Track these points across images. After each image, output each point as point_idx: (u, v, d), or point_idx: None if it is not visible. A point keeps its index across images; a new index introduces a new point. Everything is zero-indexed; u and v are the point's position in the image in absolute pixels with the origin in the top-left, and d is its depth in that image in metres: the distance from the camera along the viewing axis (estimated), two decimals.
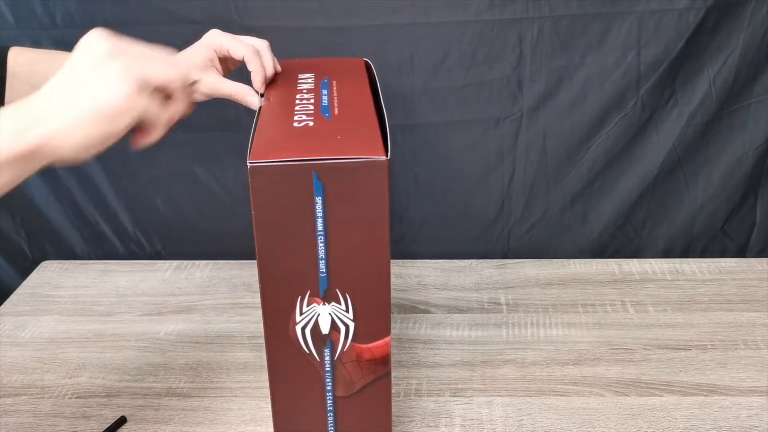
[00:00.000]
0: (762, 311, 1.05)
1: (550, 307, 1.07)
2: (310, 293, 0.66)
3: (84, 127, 0.54)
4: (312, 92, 0.77)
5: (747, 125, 1.16)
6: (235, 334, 1.03)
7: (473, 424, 0.85)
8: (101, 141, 0.55)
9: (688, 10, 1.08)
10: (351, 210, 0.63)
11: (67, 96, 0.54)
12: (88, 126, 0.54)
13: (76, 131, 0.54)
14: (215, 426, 0.86)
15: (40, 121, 0.54)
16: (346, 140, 0.65)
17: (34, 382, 0.94)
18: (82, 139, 0.55)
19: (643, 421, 0.85)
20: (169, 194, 1.24)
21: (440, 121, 1.16)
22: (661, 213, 1.22)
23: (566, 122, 1.16)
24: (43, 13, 1.11)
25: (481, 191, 1.21)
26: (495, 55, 1.12)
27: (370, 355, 0.69)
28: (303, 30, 1.10)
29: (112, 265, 1.21)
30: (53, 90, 0.55)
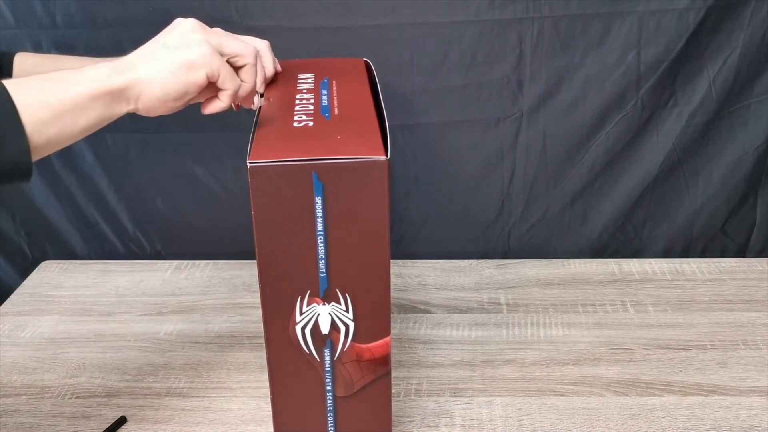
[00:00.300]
0: (762, 311, 1.05)
1: (550, 307, 1.07)
2: (310, 293, 0.66)
3: (166, 76, 0.62)
4: (312, 92, 0.77)
5: (747, 125, 1.16)
6: (235, 334, 1.03)
7: (473, 424, 0.85)
8: (179, 92, 0.63)
9: (688, 10, 1.08)
10: (351, 210, 0.63)
11: (156, 52, 0.63)
12: (170, 75, 0.62)
13: (160, 78, 0.62)
14: (215, 426, 0.86)
15: (130, 67, 0.62)
16: (346, 140, 0.65)
17: (34, 382, 0.94)
18: (164, 86, 0.62)
19: (643, 421, 0.85)
20: (169, 194, 1.24)
21: (440, 121, 1.16)
22: (661, 213, 1.22)
23: (566, 122, 1.16)
24: (43, 13, 1.11)
25: (481, 191, 1.21)
26: (495, 55, 1.12)
27: (370, 355, 0.69)
28: (303, 30, 1.10)
29: (112, 265, 1.21)
30: (145, 48, 0.64)
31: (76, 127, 0.59)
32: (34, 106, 0.56)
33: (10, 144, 0.55)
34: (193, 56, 0.63)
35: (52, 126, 0.57)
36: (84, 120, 0.60)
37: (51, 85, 0.59)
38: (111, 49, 1.13)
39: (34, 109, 0.56)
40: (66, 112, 0.58)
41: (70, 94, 0.58)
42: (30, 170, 0.57)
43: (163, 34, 0.66)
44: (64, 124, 0.58)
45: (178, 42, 0.64)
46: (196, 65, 0.63)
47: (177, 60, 0.63)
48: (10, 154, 0.55)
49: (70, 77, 0.60)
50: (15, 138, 0.55)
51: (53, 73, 0.60)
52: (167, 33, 0.66)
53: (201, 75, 0.64)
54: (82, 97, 0.59)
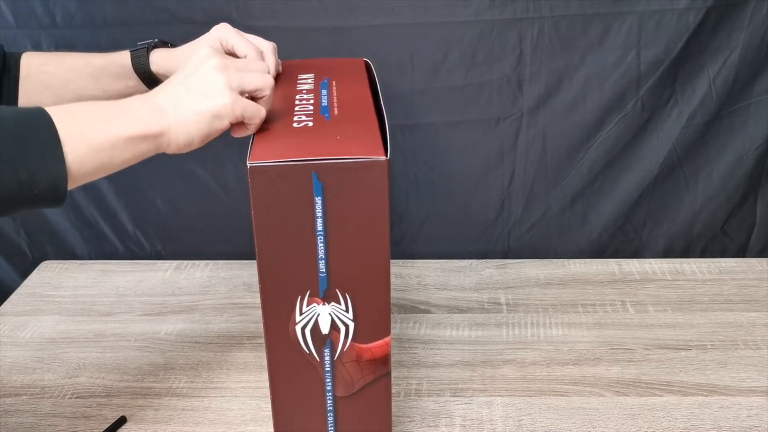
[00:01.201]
0: (762, 311, 1.05)
1: (550, 307, 1.07)
2: (310, 293, 0.66)
3: (192, 126, 0.66)
4: (312, 92, 0.77)
5: (747, 125, 1.16)
6: (235, 334, 1.03)
7: (473, 424, 0.85)
8: (204, 138, 0.67)
9: (688, 10, 1.08)
10: (351, 210, 0.63)
11: (181, 97, 0.66)
12: (195, 125, 0.66)
13: (186, 128, 0.65)
14: (215, 426, 0.86)
15: (161, 113, 0.65)
16: (345, 140, 0.65)
17: (34, 382, 0.94)
18: (190, 135, 0.66)
19: (643, 421, 0.85)
20: (169, 194, 1.24)
21: (440, 121, 1.16)
22: (661, 213, 1.22)
23: (566, 122, 1.16)
24: (43, 13, 1.11)
25: (481, 191, 1.21)
26: (495, 55, 1.12)
27: (370, 355, 0.69)
28: (303, 30, 1.10)
29: (112, 265, 1.21)
30: (171, 89, 0.67)
31: (111, 164, 0.63)
32: (75, 140, 0.60)
33: (51, 170, 0.59)
34: (217, 107, 0.66)
35: (89, 161, 0.61)
36: (119, 158, 0.63)
37: (91, 122, 0.62)
38: (111, 49, 1.13)
39: (76, 144, 0.60)
40: (103, 150, 0.62)
41: (108, 134, 0.62)
42: (64, 197, 0.60)
43: (190, 69, 0.68)
44: (102, 160, 0.62)
45: (201, 87, 0.66)
46: (220, 115, 0.66)
47: (201, 110, 0.66)
48: (50, 179, 0.59)
49: (109, 116, 0.64)
50: (56, 165, 0.59)
51: (92, 106, 0.64)
52: (191, 71, 0.68)
53: (225, 123, 0.67)
54: (119, 138, 0.63)
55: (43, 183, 0.59)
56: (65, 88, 0.88)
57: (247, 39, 0.82)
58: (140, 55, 0.86)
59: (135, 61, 0.86)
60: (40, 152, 0.58)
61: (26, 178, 0.58)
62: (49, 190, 0.59)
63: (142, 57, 0.86)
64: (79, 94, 0.88)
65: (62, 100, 0.88)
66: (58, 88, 0.88)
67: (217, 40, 0.83)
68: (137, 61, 0.86)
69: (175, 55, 0.86)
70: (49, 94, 0.88)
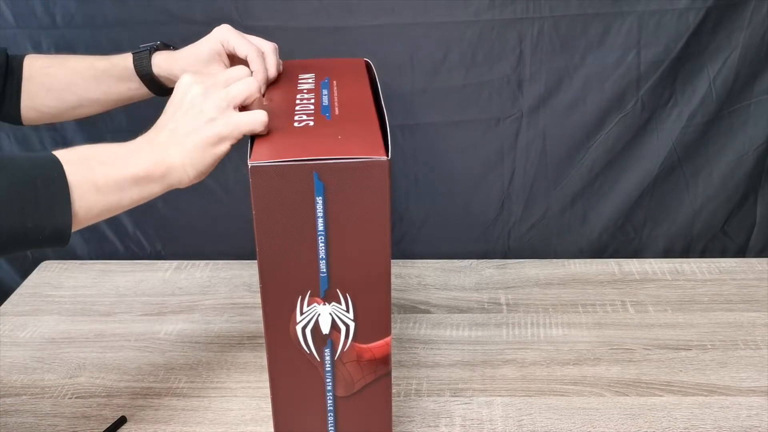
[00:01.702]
0: (762, 311, 1.05)
1: (550, 307, 1.07)
2: (310, 293, 0.66)
3: (196, 158, 0.67)
4: (312, 92, 0.77)
5: (747, 125, 1.16)
6: (235, 334, 1.03)
7: (473, 424, 0.85)
8: (210, 166, 0.68)
9: (688, 10, 1.08)
10: (352, 210, 0.63)
11: (179, 130, 0.67)
12: (199, 157, 0.67)
13: (191, 161, 0.67)
14: (215, 426, 0.86)
15: (165, 153, 0.66)
16: (346, 140, 0.65)
17: (34, 382, 0.94)
18: (196, 167, 0.67)
19: (643, 421, 0.85)
20: (169, 194, 1.23)
21: (440, 121, 1.16)
22: (661, 213, 1.22)
23: (566, 122, 1.16)
24: (43, 13, 1.11)
25: (481, 191, 1.21)
26: (495, 55, 1.12)
27: (371, 355, 0.69)
28: (303, 30, 1.10)
29: (112, 265, 1.21)
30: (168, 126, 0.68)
31: (119, 206, 0.65)
32: (83, 186, 0.62)
33: (58, 217, 0.60)
34: (215, 133, 0.67)
35: (97, 205, 0.63)
36: (127, 200, 0.65)
37: (100, 166, 0.64)
38: (111, 49, 1.13)
39: (84, 190, 0.62)
40: (111, 192, 0.64)
41: (115, 175, 0.64)
42: (68, 241, 0.62)
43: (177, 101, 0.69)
44: (109, 202, 0.64)
45: (194, 118, 0.67)
46: (221, 139, 0.67)
47: (202, 141, 0.66)
48: (56, 225, 0.60)
49: (117, 158, 0.65)
50: (62, 213, 0.61)
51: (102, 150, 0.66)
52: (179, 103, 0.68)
53: (227, 145, 0.68)
54: (125, 180, 0.64)
55: (48, 231, 0.60)
56: (67, 91, 0.88)
57: (248, 40, 0.82)
58: (142, 57, 0.86)
59: (137, 64, 0.86)
60: (49, 204, 0.60)
61: (32, 227, 0.59)
62: (53, 236, 0.61)
63: (144, 59, 0.86)
64: (81, 97, 0.88)
65: (64, 101, 0.88)
66: (61, 90, 0.88)
67: (218, 41, 0.83)
68: (139, 63, 0.86)
69: (176, 58, 0.86)
70: (51, 96, 0.89)
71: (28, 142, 1.20)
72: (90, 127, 1.18)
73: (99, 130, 1.17)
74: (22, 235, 0.59)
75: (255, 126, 0.67)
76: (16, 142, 1.20)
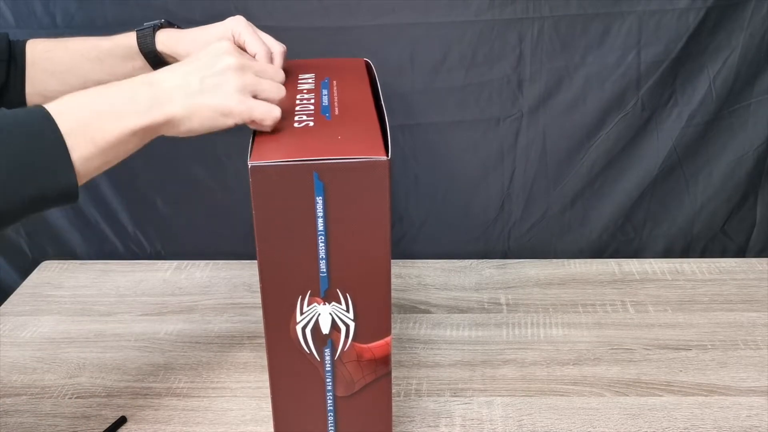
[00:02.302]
0: (762, 311, 1.05)
1: (550, 307, 1.07)
2: (310, 293, 0.66)
3: (200, 116, 0.65)
4: (312, 92, 0.77)
5: (747, 125, 1.16)
6: (235, 334, 1.03)
7: (473, 424, 0.85)
8: (207, 130, 0.67)
9: (688, 10, 1.08)
10: (352, 210, 0.63)
11: (193, 85, 0.65)
12: (204, 116, 0.65)
13: (194, 119, 0.65)
14: (215, 426, 0.86)
15: (169, 99, 0.64)
16: (346, 140, 0.65)
17: (34, 382, 0.94)
18: (194, 126, 0.66)
19: (643, 421, 0.85)
20: (169, 194, 1.24)
21: (440, 121, 1.16)
22: (661, 213, 1.22)
23: (566, 122, 1.16)
24: (43, 13, 1.11)
25: (481, 191, 1.21)
26: (495, 55, 1.12)
27: (371, 355, 0.69)
28: (303, 30, 1.10)
29: (112, 265, 1.21)
30: (183, 74, 0.66)
31: (117, 157, 0.64)
32: (81, 144, 0.61)
33: (62, 177, 0.60)
34: (227, 106, 0.66)
35: (96, 159, 0.62)
36: (124, 151, 0.64)
37: (97, 119, 0.62)
38: None
39: (83, 148, 0.61)
40: (110, 147, 0.63)
41: (114, 130, 0.62)
42: (77, 196, 0.61)
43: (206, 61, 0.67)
44: (108, 156, 0.63)
45: (215, 83, 0.66)
46: (230, 114, 0.66)
47: (211, 106, 0.65)
48: (61, 185, 0.60)
49: (114, 108, 0.63)
50: (65, 172, 0.60)
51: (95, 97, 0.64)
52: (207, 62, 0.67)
53: (230, 123, 0.67)
54: (124, 133, 0.63)
55: (55, 193, 0.60)
56: (70, 73, 0.87)
57: (260, 37, 0.81)
58: (146, 35, 0.84)
59: (140, 41, 0.84)
60: (49, 169, 0.59)
61: (37, 194, 0.59)
62: (61, 197, 0.60)
63: (148, 37, 0.84)
64: (86, 78, 0.87)
65: (68, 85, 0.87)
66: (64, 72, 0.87)
67: (230, 31, 0.81)
68: (143, 41, 0.84)
69: (182, 38, 0.84)
70: (54, 80, 0.88)
71: None
72: None
73: None
74: (29, 203, 0.59)
75: (266, 117, 0.67)
76: None
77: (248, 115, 0.66)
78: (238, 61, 0.67)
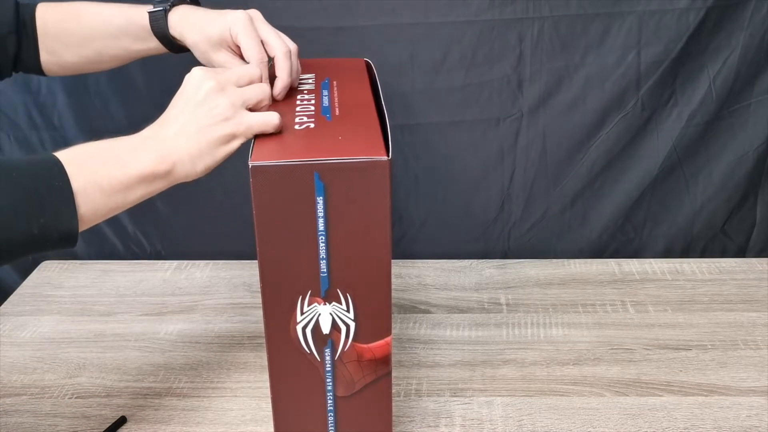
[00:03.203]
0: (762, 311, 1.05)
1: (550, 307, 1.07)
2: (311, 293, 0.66)
3: (209, 150, 0.67)
4: (313, 93, 0.77)
5: (747, 125, 1.16)
6: (235, 334, 1.03)
7: (473, 424, 0.86)
8: (222, 158, 0.68)
9: (688, 10, 1.08)
10: (352, 210, 0.63)
11: (189, 126, 0.66)
12: (212, 149, 0.67)
13: (200, 158, 0.67)
14: (215, 426, 0.86)
15: (169, 151, 0.66)
16: (347, 140, 0.65)
17: (34, 382, 0.94)
18: (204, 164, 0.67)
19: (643, 421, 0.85)
20: (169, 194, 1.22)
21: (440, 121, 1.16)
22: (661, 213, 1.22)
23: (566, 122, 1.16)
24: None
25: (481, 191, 1.21)
26: (495, 55, 1.12)
27: (371, 355, 0.69)
28: (303, 30, 1.10)
29: (112, 265, 1.21)
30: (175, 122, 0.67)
31: (124, 204, 0.65)
32: (88, 189, 0.62)
33: (65, 222, 0.60)
34: (229, 131, 0.67)
35: (102, 206, 0.63)
36: (132, 198, 0.65)
37: (103, 166, 0.63)
38: None
39: (89, 193, 0.62)
40: (116, 193, 0.64)
41: (120, 176, 0.64)
42: (76, 240, 0.62)
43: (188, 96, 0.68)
44: (115, 203, 0.64)
45: (207, 114, 0.67)
46: (233, 137, 0.68)
47: (215, 137, 0.67)
48: (63, 230, 0.60)
49: (120, 157, 0.64)
50: (68, 218, 0.61)
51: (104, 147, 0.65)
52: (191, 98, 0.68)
53: (237, 144, 0.68)
54: (130, 179, 0.64)
55: (55, 236, 0.60)
56: (85, 47, 0.87)
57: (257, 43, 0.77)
58: (158, 18, 0.83)
59: (153, 25, 0.83)
60: (54, 210, 0.60)
61: (38, 233, 0.59)
62: (61, 240, 0.61)
63: (161, 20, 0.83)
64: (101, 53, 0.87)
65: (83, 57, 0.87)
66: (78, 46, 0.87)
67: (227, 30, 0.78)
68: (155, 24, 0.83)
69: (194, 20, 0.82)
70: (69, 53, 0.88)
71: (28, 142, 1.20)
72: (90, 127, 1.18)
73: (99, 130, 1.17)
74: (30, 241, 0.59)
75: (267, 127, 0.67)
76: (16, 142, 1.20)
77: (250, 131, 0.67)
78: (215, 83, 0.68)
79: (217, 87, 0.68)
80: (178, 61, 0.86)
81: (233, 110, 0.67)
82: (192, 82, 0.69)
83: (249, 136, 0.68)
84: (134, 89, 1.16)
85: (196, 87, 0.68)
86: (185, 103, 0.68)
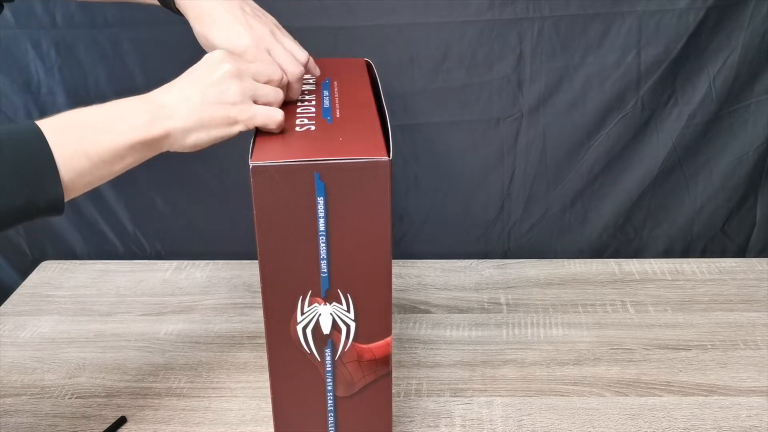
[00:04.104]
0: (762, 311, 1.05)
1: (550, 307, 1.07)
2: (311, 293, 0.66)
3: (206, 128, 0.66)
4: (313, 93, 0.77)
5: (747, 125, 1.16)
6: (235, 334, 1.03)
7: (473, 424, 0.86)
8: (216, 140, 0.67)
9: (688, 10, 1.08)
10: (353, 210, 0.63)
11: (194, 98, 0.65)
12: (210, 128, 0.66)
13: (196, 132, 0.65)
14: (215, 426, 0.86)
15: (168, 115, 0.64)
16: (348, 140, 0.65)
17: (34, 382, 0.94)
18: (199, 140, 0.66)
19: (643, 421, 0.85)
20: (169, 194, 1.24)
21: (440, 121, 1.16)
22: (661, 213, 1.22)
23: (566, 122, 1.16)
24: (43, 13, 1.11)
25: (481, 191, 1.21)
26: (495, 55, 1.12)
27: (371, 355, 0.69)
28: (303, 30, 1.10)
29: (112, 265, 1.21)
30: (183, 89, 0.66)
31: (111, 173, 0.63)
32: (73, 158, 0.60)
33: (49, 192, 0.59)
34: (231, 115, 0.66)
35: (89, 174, 0.61)
36: (119, 166, 0.63)
37: (89, 134, 0.61)
38: (111, 49, 1.13)
39: (74, 161, 0.60)
40: (104, 161, 0.62)
41: (108, 144, 0.61)
42: (63, 208, 0.60)
43: (203, 72, 0.67)
44: (101, 172, 0.62)
45: (216, 93, 0.66)
46: (234, 123, 0.67)
47: (218, 116, 0.66)
48: (48, 199, 0.59)
49: (108, 124, 0.62)
50: (52, 187, 0.59)
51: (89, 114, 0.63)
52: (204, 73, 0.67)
53: (235, 131, 0.67)
54: (120, 147, 0.62)
55: (41, 205, 0.59)
56: None
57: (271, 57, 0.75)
58: None
59: None
60: (36, 180, 0.58)
61: (24, 204, 0.58)
62: (47, 209, 0.60)
63: None
64: None
65: None
66: None
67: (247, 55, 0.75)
68: None
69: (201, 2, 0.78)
70: None
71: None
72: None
73: None
74: (16, 211, 0.58)
75: (270, 122, 0.67)
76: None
77: (252, 122, 0.67)
78: (234, 67, 0.67)
79: (234, 72, 0.67)
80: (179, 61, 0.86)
81: (242, 98, 0.66)
82: (211, 61, 0.68)
83: (250, 126, 0.67)
84: (134, 89, 1.15)
85: (214, 66, 0.67)
86: (197, 77, 0.67)
